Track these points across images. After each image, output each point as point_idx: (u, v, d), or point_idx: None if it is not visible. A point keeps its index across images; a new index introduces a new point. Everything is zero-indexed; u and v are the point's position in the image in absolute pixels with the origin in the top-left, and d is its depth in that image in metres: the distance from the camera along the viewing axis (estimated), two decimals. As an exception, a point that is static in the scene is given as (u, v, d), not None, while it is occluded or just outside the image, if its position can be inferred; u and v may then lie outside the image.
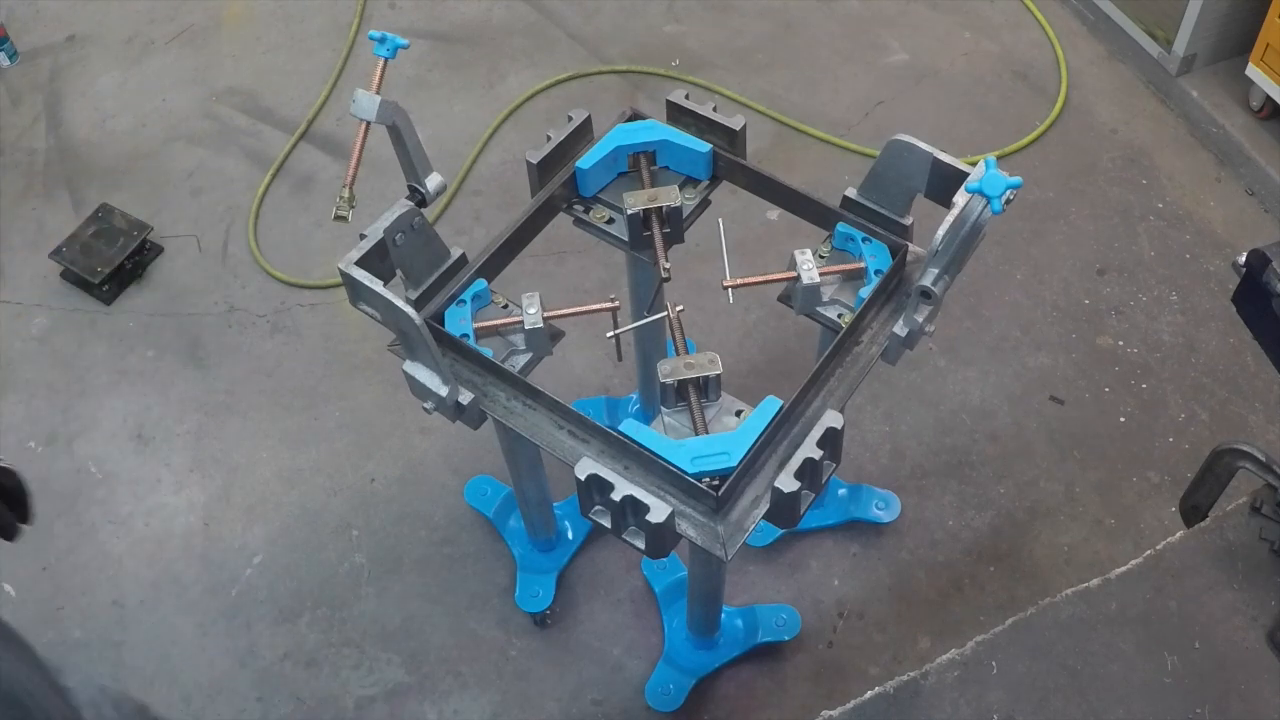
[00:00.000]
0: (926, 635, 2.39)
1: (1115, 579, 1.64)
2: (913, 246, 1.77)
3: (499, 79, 3.43)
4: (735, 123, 1.86)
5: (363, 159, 1.70)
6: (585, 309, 1.76)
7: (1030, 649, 1.58)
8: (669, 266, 1.78)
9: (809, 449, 1.47)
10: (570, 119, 1.90)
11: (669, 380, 1.60)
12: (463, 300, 1.75)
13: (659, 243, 1.81)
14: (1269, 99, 3.02)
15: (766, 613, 2.35)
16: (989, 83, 3.38)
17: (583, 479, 1.48)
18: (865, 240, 1.77)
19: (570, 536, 2.47)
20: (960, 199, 1.54)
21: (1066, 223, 3.05)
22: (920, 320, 1.66)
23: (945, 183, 1.65)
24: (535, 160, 1.84)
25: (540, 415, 1.67)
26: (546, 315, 1.72)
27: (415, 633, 2.44)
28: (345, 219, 1.67)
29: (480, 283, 1.77)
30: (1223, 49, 3.19)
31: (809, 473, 1.48)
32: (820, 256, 1.78)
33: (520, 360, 1.73)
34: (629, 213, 1.80)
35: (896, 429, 2.68)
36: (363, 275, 1.61)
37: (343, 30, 3.57)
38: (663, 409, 1.63)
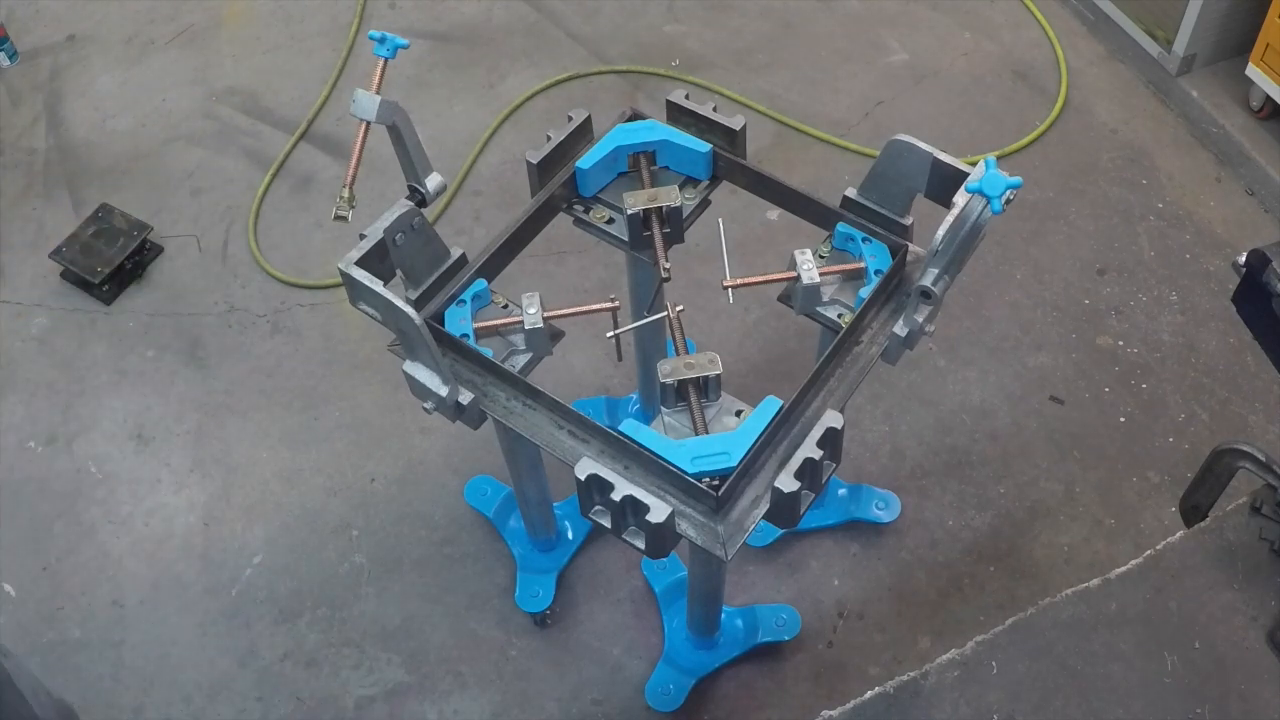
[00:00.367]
0: (926, 635, 2.39)
1: (1115, 579, 1.63)
2: (913, 246, 1.77)
3: (499, 79, 3.43)
4: (735, 123, 1.86)
5: (363, 159, 1.70)
6: (585, 309, 1.76)
7: (1030, 649, 1.58)
8: (669, 266, 1.78)
9: (809, 449, 1.47)
10: (570, 119, 1.90)
11: (669, 380, 1.60)
12: (463, 300, 1.75)
13: (659, 243, 1.81)
14: (1269, 99, 3.02)
15: (766, 613, 2.35)
16: (989, 83, 3.38)
17: (583, 479, 1.48)
18: (865, 240, 1.77)
19: (570, 536, 2.47)
20: (960, 199, 1.54)
21: (1066, 223, 3.05)
22: (920, 320, 1.66)
23: (945, 183, 1.65)
24: (535, 160, 1.84)
25: (540, 415, 1.67)
26: (546, 315, 1.72)
27: (415, 633, 2.44)
28: (345, 219, 1.67)
29: (480, 283, 1.77)
30: (1223, 49, 3.19)
31: (809, 473, 1.48)
32: (820, 256, 1.78)
33: (520, 360, 1.73)
34: (629, 213, 1.80)
35: (896, 429, 2.68)
36: (363, 275, 1.61)
37: (343, 30, 3.57)
38: (663, 409, 1.63)
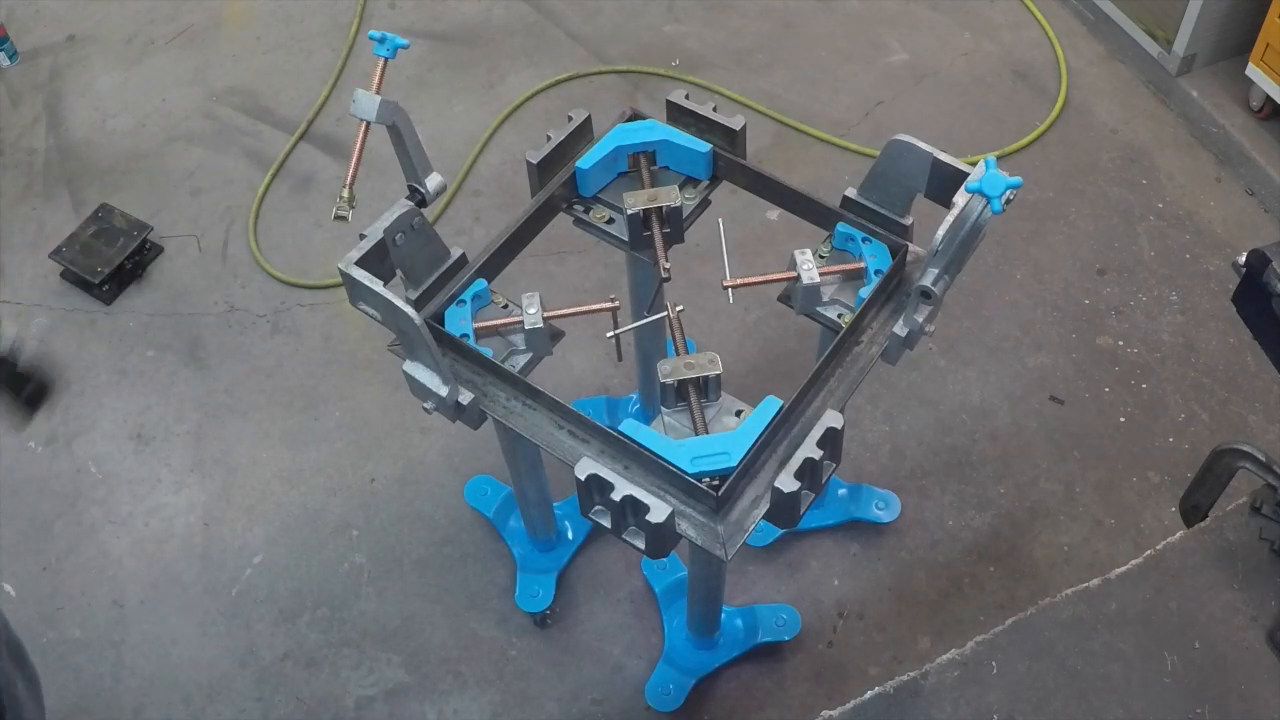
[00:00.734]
0: (926, 635, 2.39)
1: (1115, 579, 1.64)
2: (913, 246, 1.77)
3: (499, 79, 3.43)
4: (735, 123, 1.86)
5: (363, 159, 1.70)
6: (585, 309, 1.76)
7: (1030, 649, 1.58)
8: (669, 266, 1.78)
9: (809, 449, 1.47)
10: (570, 119, 1.90)
11: (669, 380, 1.60)
12: (463, 300, 1.75)
13: (659, 243, 1.81)
14: (1269, 99, 3.02)
15: (766, 613, 2.35)
16: (989, 83, 3.38)
17: (583, 479, 1.48)
18: (865, 240, 1.77)
19: (570, 536, 2.47)
20: (960, 199, 1.54)
21: (1066, 223, 3.05)
22: (920, 320, 1.66)
23: (945, 183, 1.65)
24: (535, 160, 1.84)
25: (540, 415, 1.67)
26: (546, 315, 1.72)
27: (415, 633, 2.44)
28: (345, 219, 1.67)
29: (480, 283, 1.77)
30: (1223, 49, 3.19)
31: (809, 473, 1.48)
32: (820, 256, 1.78)
33: (520, 360, 1.73)
34: (629, 213, 1.80)
35: (896, 429, 2.68)
36: (363, 275, 1.61)
37: (343, 30, 3.57)
38: (663, 409, 1.63)
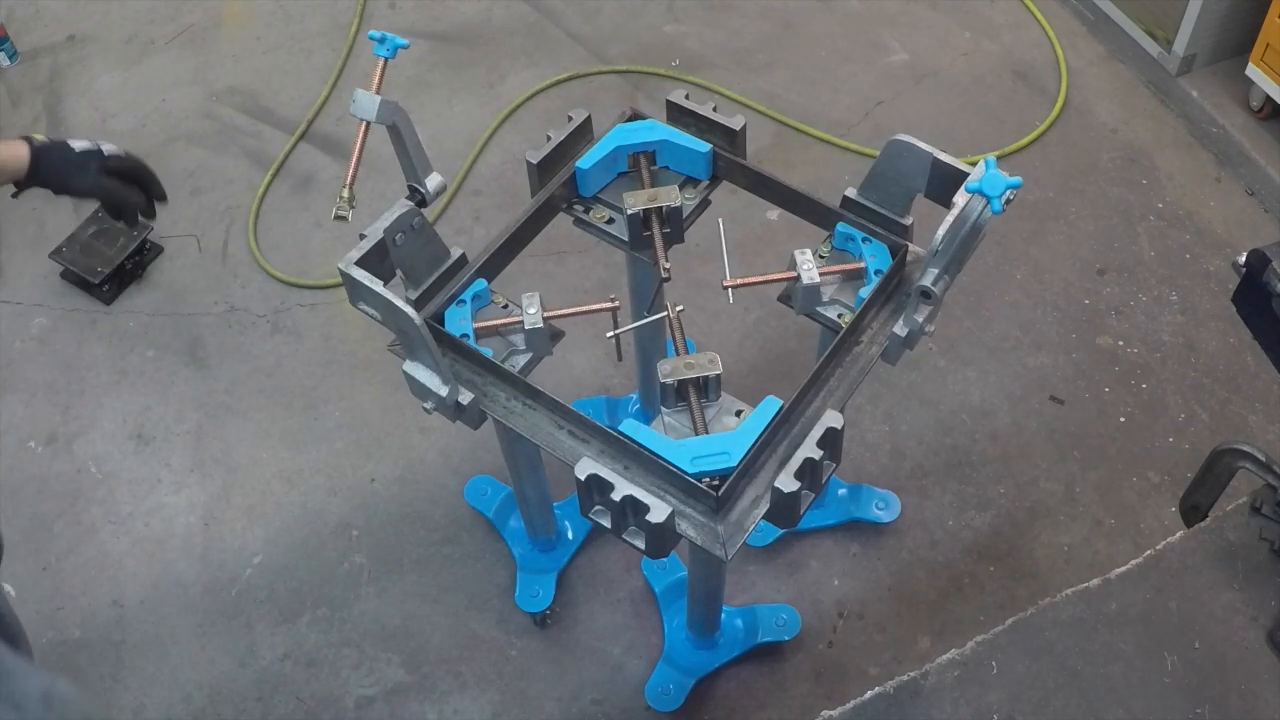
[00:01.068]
0: (926, 635, 2.39)
1: (1115, 579, 1.64)
2: (913, 246, 1.77)
3: (499, 79, 3.43)
4: (735, 123, 1.86)
5: (363, 159, 1.70)
6: (585, 309, 1.76)
7: (1030, 649, 1.58)
8: (669, 266, 1.78)
9: (809, 449, 1.47)
10: (570, 119, 1.90)
11: (669, 380, 1.60)
12: (463, 300, 1.75)
13: (659, 243, 1.81)
14: (1269, 99, 3.02)
15: (766, 613, 2.35)
16: (989, 83, 3.38)
17: (583, 479, 1.48)
18: (865, 240, 1.77)
19: (570, 536, 2.47)
20: (960, 199, 1.54)
21: (1066, 223, 3.05)
22: (920, 320, 1.66)
23: (945, 183, 1.65)
24: (535, 160, 1.84)
25: (540, 415, 1.67)
26: (546, 315, 1.72)
27: (415, 633, 2.44)
28: (345, 219, 1.67)
29: (480, 283, 1.77)
30: (1223, 49, 3.19)
31: (809, 473, 1.48)
32: (820, 256, 1.78)
33: (520, 360, 1.73)
34: (629, 213, 1.80)
35: (896, 429, 2.68)
36: (363, 275, 1.61)
37: (343, 30, 3.57)
38: (663, 409, 1.63)
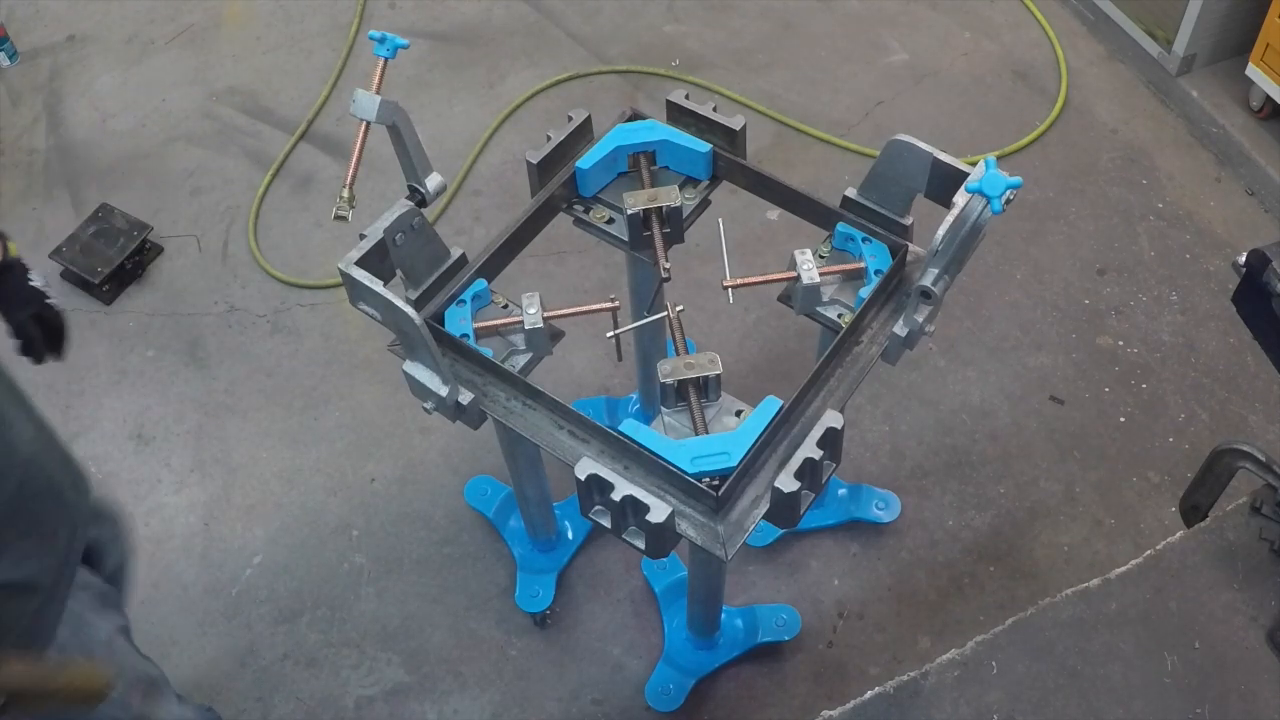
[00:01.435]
0: (926, 635, 2.39)
1: (1115, 579, 1.64)
2: (913, 246, 1.77)
3: (499, 79, 3.43)
4: (735, 123, 1.86)
5: (363, 159, 1.70)
6: (585, 309, 1.76)
7: (1030, 649, 1.58)
8: (669, 266, 1.78)
9: (809, 449, 1.47)
10: (570, 119, 1.90)
11: (669, 380, 1.60)
12: (463, 300, 1.75)
13: (659, 243, 1.81)
14: (1269, 99, 3.02)
15: (766, 613, 2.35)
16: (989, 83, 3.38)
17: (583, 479, 1.48)
18: (865, 240, 1.77)
19: (570, 536, 2.47)
20: (960, 199, 1.54)
21: (1066, 223, 3.05)
22: (920, 320, 1.66)
23: (945, 183, 1.65)
24: (535, 160, 1.84)
25: (540, 415, 1.67)
26: (546, 315, 1.72)
27: (415, 633, 2.44)
28: (345, 219, 1.67)
29: (480, 283, 1.77)
30: (1223, 49, 3.19)
31: (809, 473, 1.48)
32: (820, 256, 1.78)
33: (520, 360, 1.73)
34: (629, 213, 1.80)
35: (896, 429, 2.68)
36: (363, 275, 1.61)
37: (343, 30, 3.57)
38: (663, 409, 1.63)
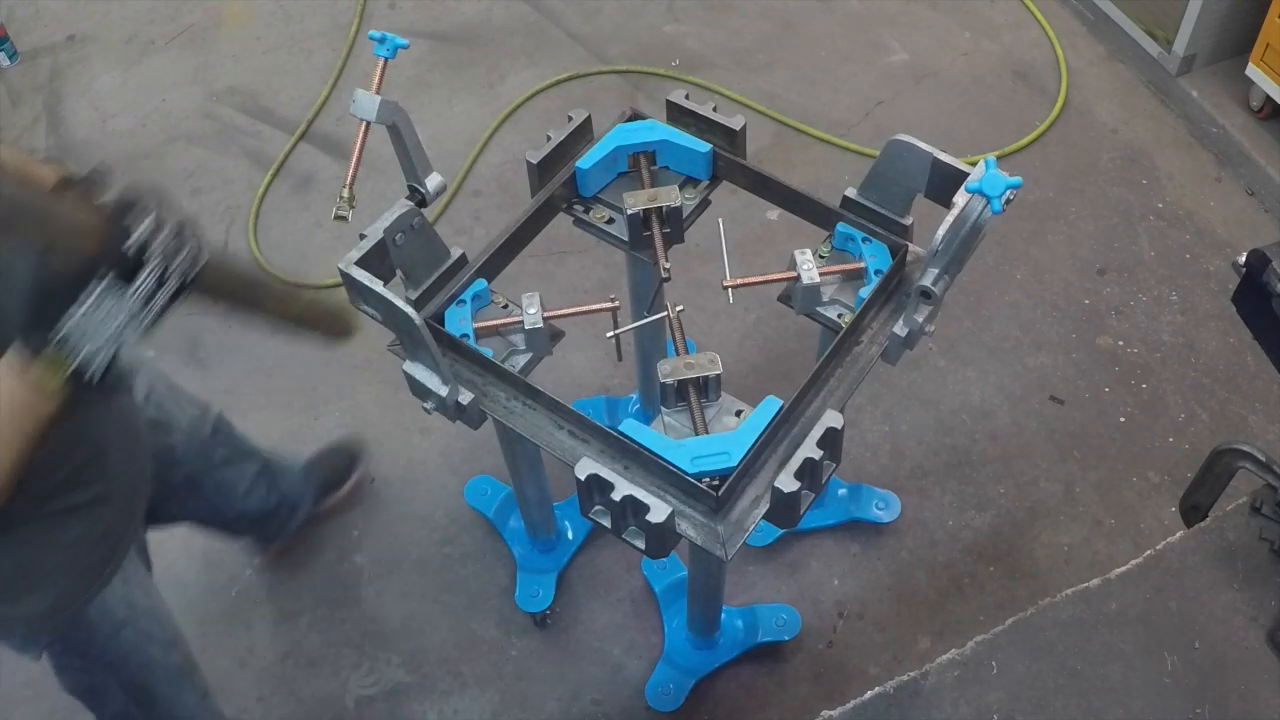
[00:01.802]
0: (926, 635, 2.39)
1: (1115, 579, 1.63)
2: (913, 246, 1.77)
3: (499, 79, 3.43)
4: (735, 123, 1.86)
5: (363, 159, 1.70)
6: (585, 309, 1.76)
7: (1030, 649, 1.58)
8: (669, 266, 1.78)
9: (809, 449, 1.47)
10: (570, 119, 1.90)
11: (669, 380, 1.60)
12: (463, 300, 1.75)
13: (659, 243, 1.81)
14: (1269, 99, 3.02)
15: (766, 613, 2.35)
16: (989, 83, 3.38)
17: (583, 479, 1.47)
18: (865, 240, 1.77)
19: (570, 536, 2.47)
20: (960, 199, 1.54)
21: (1066, 223, 3.05)
22: (920, 320, 1.66)
23: (945, 183, 1.65)
24: (535, 160, 1.84)
25: (540, 415, 1.67)
26: (546, 315, 1.72)
27: (415, 633, 2.44)
28: (345, 219, 1.67)
29: (480, 283, 1.77)
30: (1223, 49, 3.19)
31: (809, 473, 1.48)
32: (820, 256, 1.78)
33: (520, 360, 1.73)
34: (629, 213, 1.80)
35: (896, 429, 2.68)
36: (363, 275, 1.61)
37: (343, 30, 3.57)
38: (663, 409, 1.63)
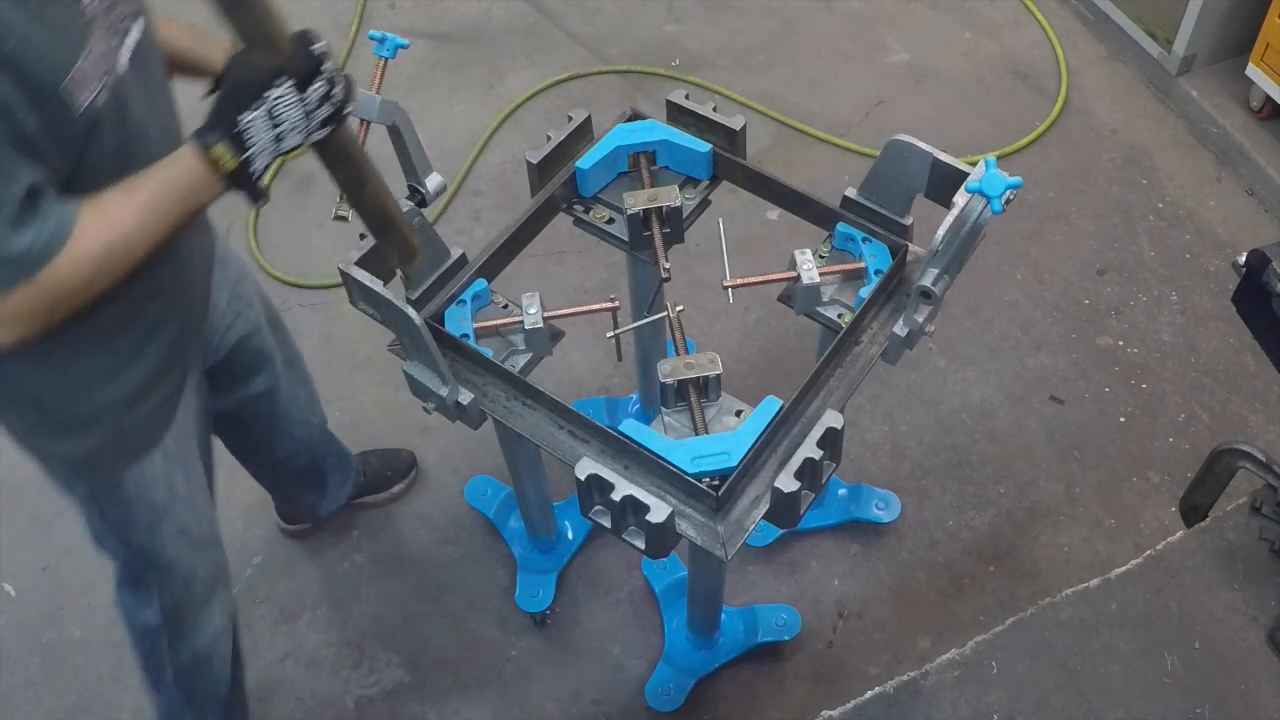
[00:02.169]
0: (926, 635, 2.39)
1: (1115, 579, 1.64)
2: (913, 246, 1.77)
3: (499, 79, 3.43)
4: (735, 123, 1.86)
5: (363, 159, 1.70)
6: (585, 309, 1.76)
7: (1030, 649, 1.58)
8: (669, 266, 1.78)
9: (809, 449, 1.47)
10: (570, 119, 1.90)
11: (669, 380, 1.60)
12: (463, 300, 1.75)
13: (659, 243, 1.81)
14: (1269, 99, 3.02)
15: (766, 613, 2.35)
16: (989, 83, 3.38)
17: (583, 479, 1.48)
18: (865, 240, 1.77)
19: (570, 536, 2.47)
20: (960, 199, 1.54)
21: (1066, 223, 3.05)
22: (920, 320, 1.66)
23: (945, 183, 1.65)
24: (535, 160, 1.84)
25: (540, 415, 1.67)
26: (546, 315, 1.72)
27: (415, 633, 2.44)
28: (345, 219, 1.67)
29: (480, 283, 1.77)
30: (1223, 49, 3.19)
31: (809, 473, 1.48)
32: (820, 256, 1.78)
33: (520, 360, 1.73)
34: (629, 213, 1.80)
35: (896, 429, 2.68)
36: (363, 275, 1.61)
37: (343, 30, 3.57)
38: (663, 409, 1.63)
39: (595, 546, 2.51)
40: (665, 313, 1.75)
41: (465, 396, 1.66)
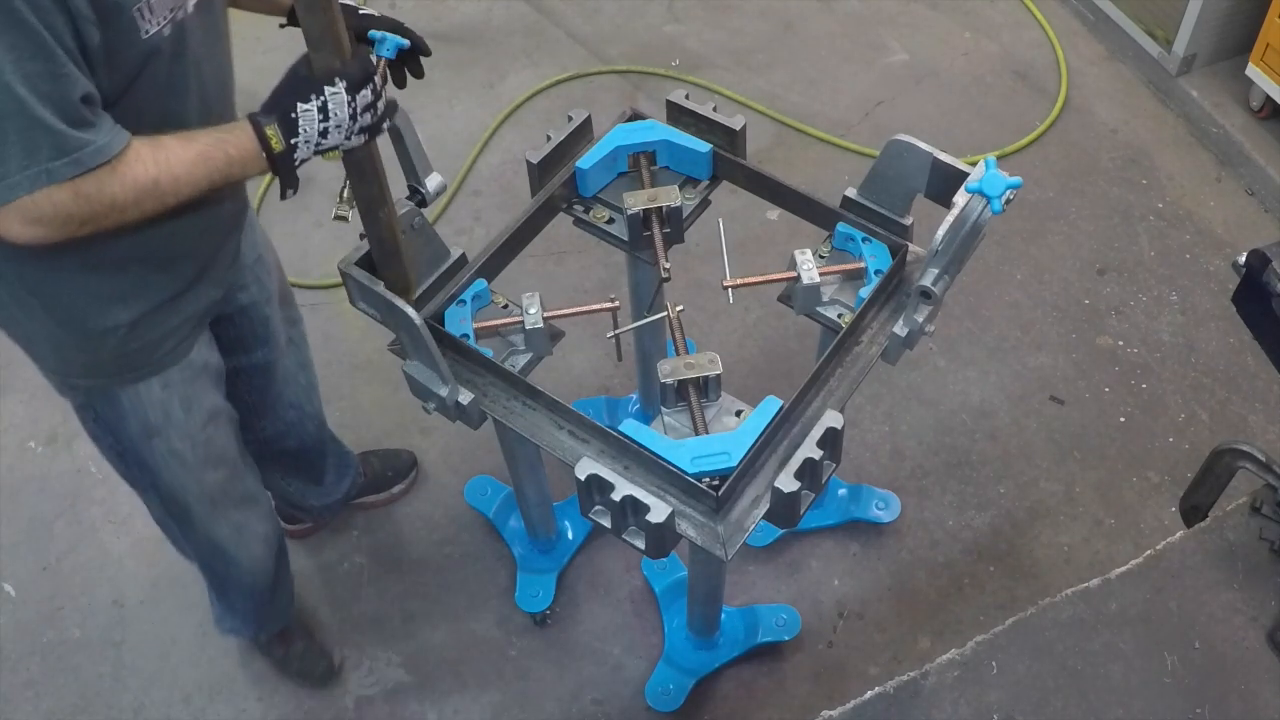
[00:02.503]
0: (926, 635, 2.39)
1: (1115, 579, 1.64)
2: (913, 246, 1.77)
3: (499, 79, 3.43)
4: (735, 123, 1.86)
5: (363, 159, 1.70)
6: (585, 309, 1.76)
7: (1030, 649, 1.58)
8: (669, 266, 1.78)
9: (809, 449, 1.47)
10: (570, 119, 1.90)
11: (669, 380, 1.60)
12: (463, 300, 1.75)
13: (659, 243, 1.81)
14: (1269, 99, 3.02)
15: (766, 613, 2.35)
16: (989, 83, 3.38)
17: (583, 479, 1.48)
18: (865, 240, 1.77)
19: (570, 536, 2.47)
20: (960, 199, 1.54)
21: (1066, 223, 3.05)
22: (920, 320, 1.66)
23: (945, 183, 1.66)
24: (535, 160, 1.84)
25: (540, 415, 1.67)
26: (546, 315, 1.72)
27: (415, 633, 2.44)
28: (345, 219, 1.67)
29: (480, 283, 1.77)
30: (1223, 49, 3.19)
31: (809, 473, 1.48)
32: (820, 256, 1.78)
33: (520, 360, 1.73)
34: (629, 213, 1.80)
35: (896, 429, 2.68)
36: (363, 275, 1.61)
37: (343, 30, 3.57)
38: (663, 409, 1.63)
39: (595, 546, 2.51)
40: (665, 313, 1.75)
41: (465, 396, 1.66)
